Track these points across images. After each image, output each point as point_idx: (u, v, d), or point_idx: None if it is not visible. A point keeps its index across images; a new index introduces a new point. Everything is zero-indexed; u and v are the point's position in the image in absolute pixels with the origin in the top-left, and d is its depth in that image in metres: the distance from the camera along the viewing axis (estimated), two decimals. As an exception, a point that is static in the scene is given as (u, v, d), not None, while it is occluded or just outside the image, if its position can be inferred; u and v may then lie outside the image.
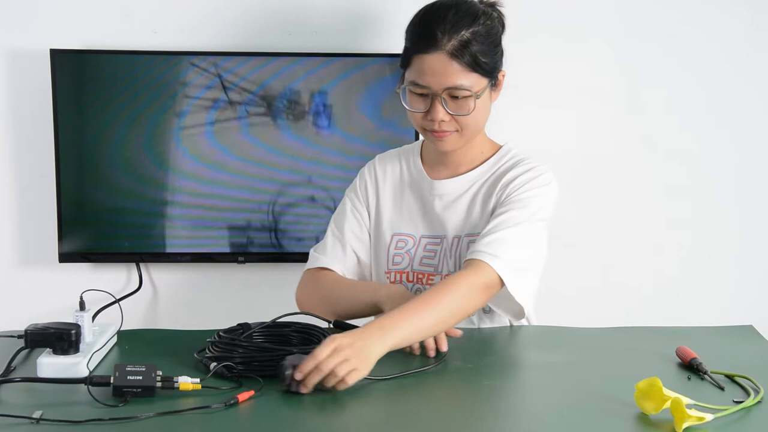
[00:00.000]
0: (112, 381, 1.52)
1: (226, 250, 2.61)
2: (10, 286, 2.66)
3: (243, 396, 1.51)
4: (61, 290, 2.57)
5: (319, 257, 2.07)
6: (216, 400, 1.49)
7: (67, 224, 2.57)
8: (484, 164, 2.02)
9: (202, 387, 1.55)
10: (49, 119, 2.53)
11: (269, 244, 2.61)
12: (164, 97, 2.55)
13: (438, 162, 2.05)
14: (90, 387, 1.52)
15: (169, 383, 1.54)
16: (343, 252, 2.07)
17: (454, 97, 1.89)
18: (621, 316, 2.56)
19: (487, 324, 2.01)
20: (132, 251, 2.62)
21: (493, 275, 1.82)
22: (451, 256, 2.00)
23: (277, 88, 2.56)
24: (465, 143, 1.97)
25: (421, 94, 1.90)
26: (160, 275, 2.69)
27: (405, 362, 1.70)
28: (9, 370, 1.64)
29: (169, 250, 2.60)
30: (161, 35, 2.58)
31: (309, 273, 2.08)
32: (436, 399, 1.58)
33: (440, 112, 1.89)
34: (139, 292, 2.65)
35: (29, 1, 2.56)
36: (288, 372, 1.56)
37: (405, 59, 1.93)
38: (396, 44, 1.94)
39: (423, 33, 1.88)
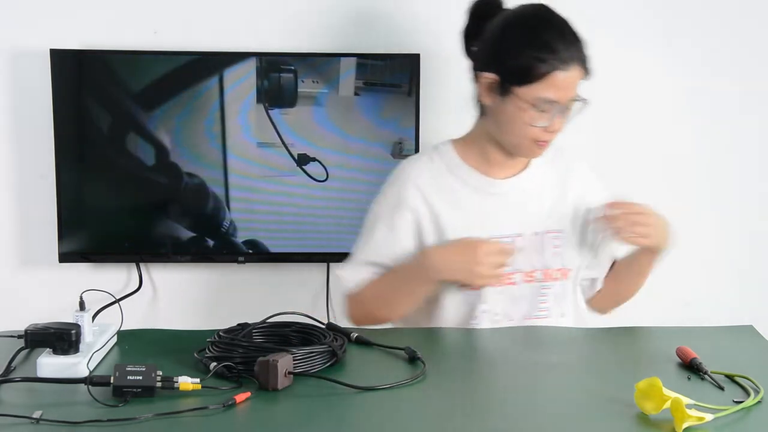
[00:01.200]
0: (112, 381, 1.52)
1: (227, 250, 2.61)
2: (10, 286, 2.65)
3: (240, 397, 1.51)
4: (61, 290, 2.56)
5: (353, 280, 2.03)
6: (216, 400, 1.49)
7: (67, 224, 2.57)
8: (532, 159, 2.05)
9: (202, 387, 1.54)
10: (49, 119, 2.52)
11: (270, 244, 2.62)
12: (164, 97, 2.55)
13: (493, 163, 2.03)
14: (90, 387, 1.52)
15: (169, 383, 1.53)
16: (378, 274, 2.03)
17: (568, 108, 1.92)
18: (621, 316, 2.55)
19: (486, 324, 2.00)
20: (132, 251, 2.62)
21: None
22: (534, 252, 2.01)
23: (276, 88, 2.55)
24: None
25: (546, 109, 1.90)
26: (160, 275, 2.69)
27: (395, 373, 1.69)
28: (9, 370, 1.64)
29: (169, 250, 2.60)
30: (162, 35, 2.57)
31: (350, 299, 2.04)
32: (434, 400, 1.58)
33: (562, 124, 1.91)
34: (139, 292, 2.64)
35: (29, 1, 2.55)
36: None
37: (531, 76, 1.87)
38: (396, 44, 1.92)
39: (561, 49, 1.88)
